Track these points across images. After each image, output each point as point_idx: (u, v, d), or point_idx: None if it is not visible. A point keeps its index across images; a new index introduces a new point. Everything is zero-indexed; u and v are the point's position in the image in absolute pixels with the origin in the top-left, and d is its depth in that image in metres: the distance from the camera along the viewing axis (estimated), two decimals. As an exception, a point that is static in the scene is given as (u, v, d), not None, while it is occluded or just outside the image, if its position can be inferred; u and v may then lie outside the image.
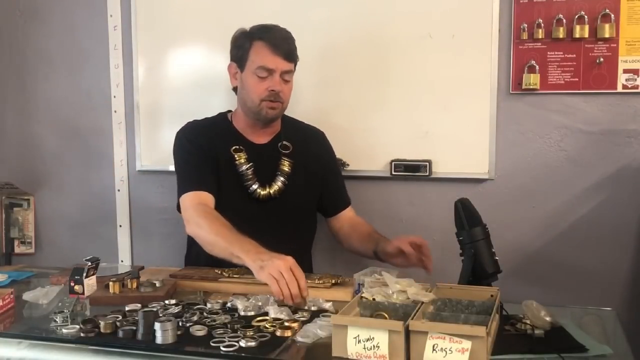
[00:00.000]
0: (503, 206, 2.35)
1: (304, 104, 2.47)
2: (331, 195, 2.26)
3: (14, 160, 2.89)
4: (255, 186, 2.09)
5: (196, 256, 2.13)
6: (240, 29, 2.13)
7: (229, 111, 2.25)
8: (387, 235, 2.48)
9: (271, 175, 2.11)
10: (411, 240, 1.92)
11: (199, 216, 1.92)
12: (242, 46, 2.09)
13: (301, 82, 2.34)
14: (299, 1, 2.48)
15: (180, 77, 2.64)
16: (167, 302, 1.69)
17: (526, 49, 2.29)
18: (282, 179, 2.11)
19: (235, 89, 2.17)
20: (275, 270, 1.60)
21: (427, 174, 2.38)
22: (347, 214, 2.28)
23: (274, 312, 1.56)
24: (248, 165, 2.09)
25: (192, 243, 2.16)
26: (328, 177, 2.25)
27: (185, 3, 2.59)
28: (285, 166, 2.12)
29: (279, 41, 2.05)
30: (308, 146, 2.21)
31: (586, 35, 2.22)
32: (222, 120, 2.21)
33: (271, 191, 2.10)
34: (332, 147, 2.31)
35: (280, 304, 1.63)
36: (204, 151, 2.09)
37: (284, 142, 2.16)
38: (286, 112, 2.23)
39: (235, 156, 2.09)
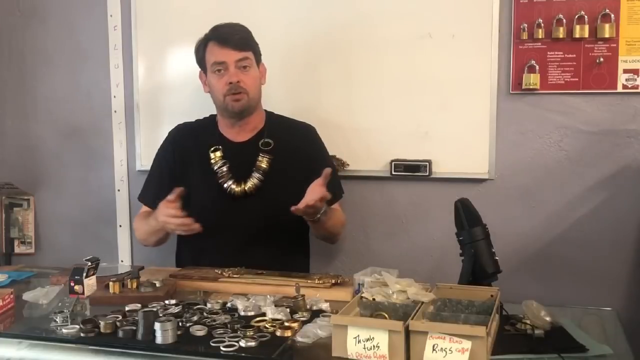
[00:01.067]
0: (503, 206, 2.35)
1: (304, 104, 2.47)
2: None
3: (14, 160, 2.89)
4: (229, 183, 2.13)
5: (185, 255, 2.24)
6: (198, 40, 2.18)
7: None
8: (388, 236, 2.50)
9: (248, 172, 2.14)
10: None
11: (134, 223, 2.31)
12: (199, 52, 2.17)
13: (301, 82, 2.35)
14: (299, 1, 2.48)
15: (180, 77, 2.63)
16: (167, 302, 1.69)
17: (526, 49, 2.29)
18: (258, 175, 2.13)
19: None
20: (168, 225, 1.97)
21: (427, 174, 2.38)
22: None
23: (271, 312, 1.56)
24: (222, 162, 2.14)
25: (180, 242, 2.29)
26: (314, 176, 2.16)
27: (185, 3, 2.59)
28: (263, 163, 2.13)
29: (226, 34, 2.11)
30: (293, 142, 2.20)
31: (586, 35, 2.22)
32: (209, 122, 2.28)
33: (246, 187, 2.12)
34: (322, 143, 2.28)
35: (278, 304, 1.63)
36: (177, 164, 2.21)
37: (266, 140, 2.17)
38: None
39: (212, 155, 2.15)
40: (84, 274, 1.73)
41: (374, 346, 1.30)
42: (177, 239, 2.29)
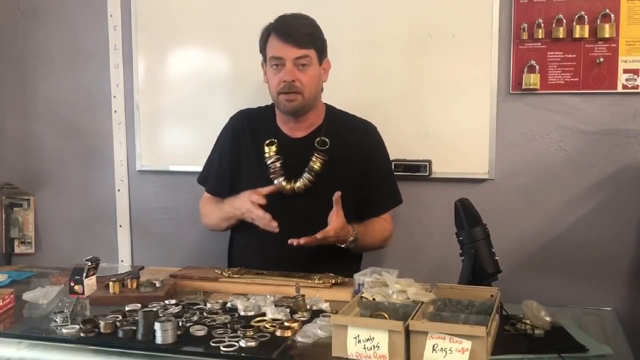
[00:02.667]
0: (503, 206, 2.35)
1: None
2: (365, 199, 2.11)
3: (14, 160, 2.89)
4: (279, 180, 2.05)
5: (241, 254, 2.20)
6: (265, 26, 2.09)
7: None
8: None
9: (300, 171, 2.06)
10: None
11: (203, 209, 2.24)
12: (261, 41, 2.08)
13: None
14: (299, 1, 2.47)
15: (180, 77, 2.64)
16: (167, 302, 1.69)
17: (526, 49, 2.29)
18: (308, 175, 2.04)
19: None
20: (247, 213, 1.98)
21: (427, 174, 2.38)
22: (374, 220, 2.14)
23: (271, 312, 1.56)
24: (276, 158, 2.06)
25: (231, 238, 2.25)
26: (368, 179, 2.11)
27: (185, 3, 2.59)
28: (316, 164, 2.04)
29: (290, 29, 2.01)
30: (350, 142, 2.10)
31: (586, 35, 2.22)
32: (268, 112, 2.18)
33: (295, 187, 2.04)
34: (382, 143, 2.18)
35: (278, 304, 1.63)
36: (234, 151, 2.16)
37: (322, 138, 2.08)
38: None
39: (266, 149, 2.09)
40: (84, 274, 1.73)
41: (374, 346, 1.30)
42: (230, 234, 2.25)
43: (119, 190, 2.76)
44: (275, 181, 2.05)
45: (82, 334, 1.46)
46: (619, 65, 2.22)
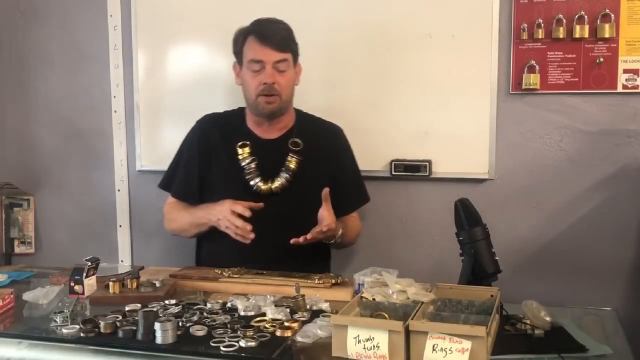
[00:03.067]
0: (503, 206, 2.35)
1: (304, 104, 2.46)
2: (337, 197, 2.10)
3: (14, 160, 2.89)
4: (256, 180, 2.09)
5: (204, 252, 2.20)
6: (239, 28, 2.14)
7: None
8: (388, 236, 2.50)
9: (276, 171, 2.10)
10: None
11: (169, 214, 2.25)
12: (238, 43, 2.12)
13: (301, 82, 2.34)
14: (298, 2, 2.48)
15: (180, 77, 2.64)
16: (167, 302, 1.69)
17: (526, 49, 2.29)
18: (286, 175, 2.09)
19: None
20: (223, 221, 1.96)
21: (427, 174, 2.38)
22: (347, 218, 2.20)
23: (271, 312, 1.56)
24: (250, 159, 2.10)
25: (200, 239, 2.24)
26: (337, 179, 2.17)
27: (185, 3, 2.59)
28: (292, 163, 2.10)
29: (269, 32, 2.06)
30: (321, 143, 2.17)
31: (586, 35, 2.22)
32: (237, 115, 2.22)
33: (272, 186, 2.08)
34: (348, 145, 2.25)
35: (278, 304, 1.63)
36: (203, 154, 2.16)
37: (295, 139, 2.14)
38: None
39: (239, 151, 2.11)
40: (84, 274, 1.73)
41: (374, 346, 1.30)
42: (197, 240, 2.27)
43: (119, 190, 2.76)
44: (252, 182, 2.08)
45: (82, 334, 1.46)
46: (619, 65, 2.22)
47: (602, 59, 2.22)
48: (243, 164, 2.10)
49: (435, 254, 2.43)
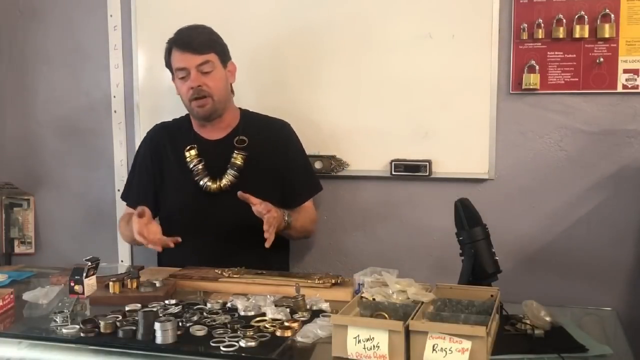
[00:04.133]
0: (503, 206, 2.35)
1: (304, 104, 2.47)
2: (288, 189, 2.24)
3: (14, 160, 2.89)
4: (205, 180, 2.15)
5: (164, 254, 2.20)
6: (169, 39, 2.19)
7: None
8: (387, 236, 2.50)
9: (223, 169, 2.16)
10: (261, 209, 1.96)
11: (120, 226, 2.29)
12: (166, 57, 2.20)
13: (301, 82, 2.35)
14: (298, 1, 2.48)
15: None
16: (167, 302, 1.69)
17: (526, 49, 2.29)
18: (233, 172, 2.15)
19: None
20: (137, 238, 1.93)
21: (427, 174, 2.38)
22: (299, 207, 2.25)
23: (271, 312, 1.56)
24: (197, 161, 2.17)
25: None
26: (288, 170, 2.23)
27: (185, 3, 2.59)
28: (238, 160, 2.16)
29: (187, 39, 2.13)
30: (268, 138, 2.22)
31: (586, 35, 2.22)
32: (184, 121, 2.30)
33: (221, 184, 2.15)
34: (297, 138, 2.30)
35: (278, 304, 1.63)
36: (154, 163, 2.24)
37: (241, 137, 2.19)
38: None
39: (187, 154, 2.18)
40: (84, 274, 1.73)
41: (374, 346, 1.30)
42: None
43: (119, 190, 2.76)
44: (201, 182, 2.15)
45: (82, 334, 1.46)
46: (619, 65, 2.22)
47: (602, 59, 2.22)
48: (191, 165, 2.17)
49: (435, 254, 2.43)
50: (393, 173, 2.41)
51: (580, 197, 2.31)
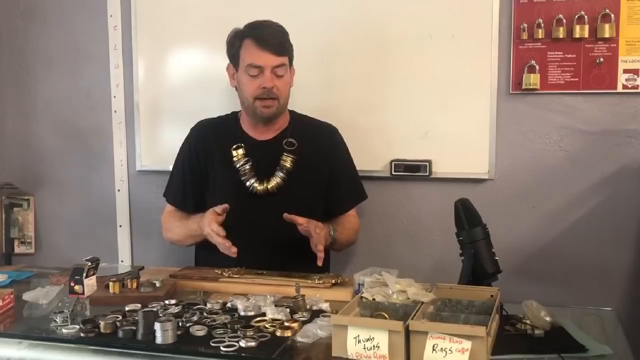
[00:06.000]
0: (503, 206, 2.35)
1: (304, 104, 2.46)
2: (334, 196, 2.19)
3: (14, 160, 2.89)
4: (252, 181, 2.10)
5: (203, 252, 2.20)
6: (234, 29, 2.14)
7: (240, 111, 2.24)
8: (387, 236, 2.50)
9: (271, 171, 2.11)
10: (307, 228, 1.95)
11: (166, 223, 2.25)
12: (234, 45, 2.12)
13: (301, 82, 2.34)
14: (299, 1, 2.48)
15: (180, 77, 2.64)
16: (167, 302, 1.69)
17: (526, 49, 2.29)
18: (281, 174, 2.09)
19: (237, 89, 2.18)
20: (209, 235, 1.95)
21: (427, 174, 2.38)
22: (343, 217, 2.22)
23: (271, 312, 1.57)
24: (245, 160, 2.11)
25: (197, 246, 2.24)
26: (334, 177, 2.18)
27: (185, 3, 2.59)
28: (287, 162, 2.10)
29: (267, 36, 2.06)
30: (316, 142, 2.17)
31: (586, 35, 2.22)
32: (231, 119, 2.24)
33: (269, 186, 2.09)
34: (344, 144, 2.26)
35: (278, 304, 1.64)
36: (199, 161, 2.18)
37: (289, 139, 2.14)
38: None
39: (234, 153, 2.12)
40: (84, 274, 1.73)
41: (374, 346, 1.30)
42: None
43: (119, 190, 2.76)
44: (247, 182, 2.09)
45: (82, 334, 1.46)
46: (619, 65, 2.22)
47: (602, 59, 2.22)
48: (237, 165, 2.11)
49: (435, 254, 2.43)
50: (393, 173, 2.41)
51: (580, 197, 2.31)
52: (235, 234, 1.98)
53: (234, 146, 2.12)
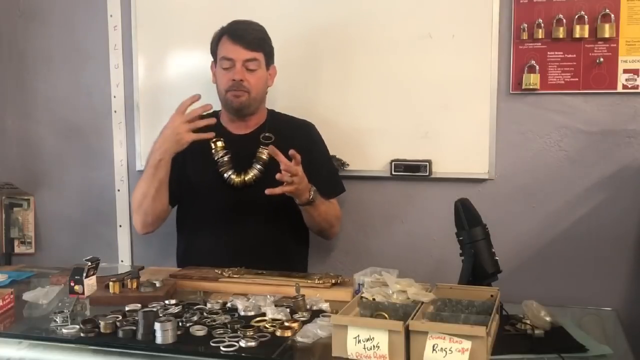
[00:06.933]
0: (503, 206, 2.35)
1: (304, 104, 2.47)
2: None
3: (14, 160, 2.89)
4: (229, 173, 2.15)
5: (183, 246, 2.27)
6: (221, 27, 2.21)
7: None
8: (388, 236, 2.50)
9: (248, 164, 2.16)
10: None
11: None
12: (213, 42, 2.21)
13: (301, 82, 2.35)
14: (299, 1, 2.48)
15: (180, 77, 2.64)
16: (167, 302, 1.69)
17: (526, 49, 2.29)
18: (258, 166, 2.15)
19: None
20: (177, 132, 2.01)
21: (427, 174, 2.38)
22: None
23: (271, 312, 1.57)
24: (224, 153, 2.17)
25: (179, 238, 2.31)
26: (312, 170, 2.18)
27: (185, 3, 2.59)
28: (263, 155, 2.15)
29: (241, 32, 2.14)
30: (293, 137, 2.21)
31: (586, 35, 2.22)
32: (211, 115, 2.23)
33: (246, 178, 2.15)
34: (322, 140, 2.31)
35: (278, 304, 1.63)
36: (177, 156, 2.16)
37: (266, 134, 2.20)
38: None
39: (212, 146, 2.17)
40: (84, 274, 1.73)
41: (374, 346, 1.30)
42: (177, 235, 2.32)
43: (118, 190, 2.76)
44: (225, 174, 2.15)
45: (82, 334, 1.46)
46: (619, 65, 2.22)
47: (602, 59, 2.22)
48: (216, 157, 2.17)
49: (435, 254, 2.43)
50: (393, 173, 2.41)
51: (580, 197, 2.31)
52: (212, 225, 2.09)
53: (213, 139, 2.16)
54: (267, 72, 2.20)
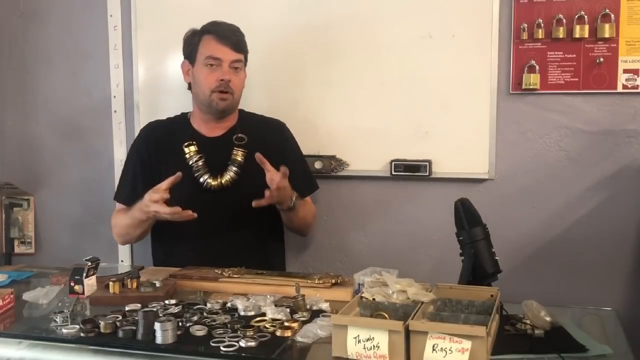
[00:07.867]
0: (503, 206, 2.35)
1: (304, 104, 2.47)
2: None
3: (14, 160, 2.89)
4: (205, 177, 2.15)
5: (160, 252, 2.28)
6: (191, 29, 2.22)
7: (190, 112, 2.31)
8: (388, 236, 2.50)
9: (223, 166, 2.16)
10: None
11: (113, 220, 2.29)
12: (191, 42, 2.20)
13: (301, 83, 2.34)
14: (299, 2, 2.48)
15: (180, 77, 2.62)
16: (167, 302, 1.70)
17: (526, 49, 2.29)
18: (234, 168, 2.16)
19: (189, 87, 2.25)
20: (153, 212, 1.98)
21: (427, 174, 2.38)
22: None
23: (271, 312, 1.57)
24: (198, 157, 2.17)
25: (154, 240, 2.32)
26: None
27: (185, 3, 2.59)
28: (238, 156, 2.16)
29: (226, 33, 2.15)
30: (265, 137, 2.23)
31: (586, 35, 2.22)
32: (180, 119, 2.31)
33: (222, 181, 2.15)
34: (293, 137, 2.33)
35: (278, 304, 1.63)
36: (150, 160, 2.22)
37: (239, 135, 2.20)
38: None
39: (186, 150, 2.17)
40: (84, 274, 1.73)
41: (374, 346, 1.30)
42: (151, 236, 2.32)
43: (119, 190, 2.76)
44: (201, 179, 2.15)
45: (82, 334, 1.46)
46: (619, 65, 2.22)
47: (602, 59, 2.22)
48: (191, 162, 2.16)
49: (435, 254, 2.43)
50: (393, 173, 2.41)
51: (580, 197, 2.31)
52: (192, 229, 2.08)
53: (186, 143, 2.17)
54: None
